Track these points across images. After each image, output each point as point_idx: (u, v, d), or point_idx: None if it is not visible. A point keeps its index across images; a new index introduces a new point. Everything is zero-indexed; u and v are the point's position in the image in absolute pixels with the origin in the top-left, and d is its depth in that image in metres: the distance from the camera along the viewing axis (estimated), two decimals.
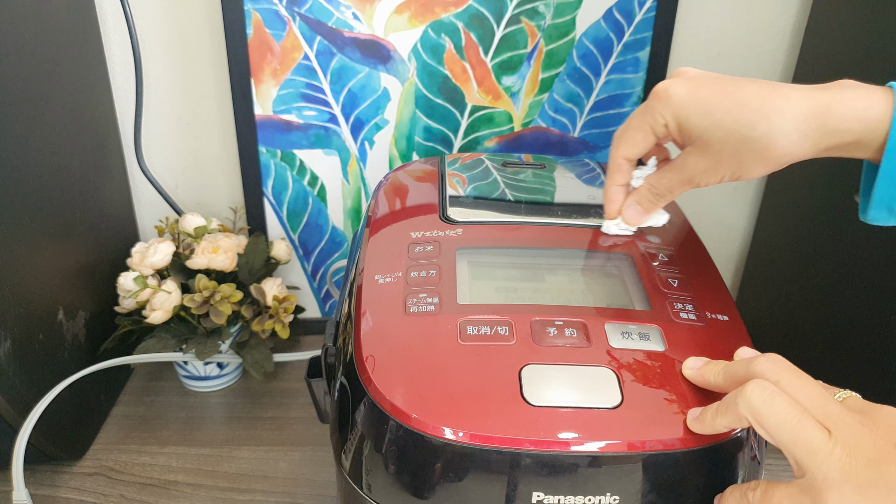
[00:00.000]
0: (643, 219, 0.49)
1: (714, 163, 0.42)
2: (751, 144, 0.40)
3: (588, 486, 0.37)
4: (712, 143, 0.42)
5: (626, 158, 0.47)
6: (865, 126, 0.39)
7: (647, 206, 0.48)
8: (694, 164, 0.43)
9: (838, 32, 0.69)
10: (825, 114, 0.39)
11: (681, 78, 0.43)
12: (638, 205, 0.48)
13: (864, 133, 0.39)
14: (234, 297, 0.71)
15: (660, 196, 0.47)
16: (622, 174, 0.47)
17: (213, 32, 0.75)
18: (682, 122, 0.42)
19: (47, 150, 0.63)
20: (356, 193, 0.82)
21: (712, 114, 0.41)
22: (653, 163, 0.49)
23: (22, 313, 0.59)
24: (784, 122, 0.39)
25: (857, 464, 0.30)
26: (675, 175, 0.45)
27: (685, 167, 0.44)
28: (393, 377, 0.39)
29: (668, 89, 0.43)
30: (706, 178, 0.44)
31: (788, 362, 0.35)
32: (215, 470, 0.68)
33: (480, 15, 0.73)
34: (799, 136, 0.40)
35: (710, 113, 0.41)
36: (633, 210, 0.48)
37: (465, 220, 0.52)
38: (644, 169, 0.48)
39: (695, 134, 0.42)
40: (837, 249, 0.67)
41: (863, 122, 0.39)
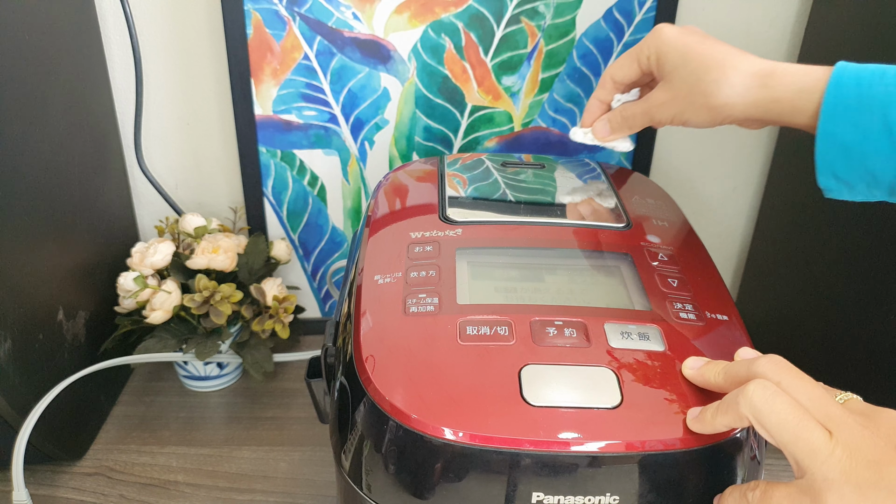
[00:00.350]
0: (609, 137, 0.55)
1: (670, 98, 0.48)
2: (702, 87, 0.46)
3: (588, 487, 0.37)
4: (675, 80, 0.47)
5: (612, 78, 0.53)
6: (800, 89, 0.43)
7: (615, 127, 0.54)
8: (657, 96, 0.49)
9: (838, 32, 0.69)
10: (769, 75, 0.44)
11: (681, 26, 0.49)
12: (608, 122, 0.54)
13: (798, 95, 0.43)
14: (234, 297, 0.71)
15: (625, 120, 0.53)
16: (605, 91, 0.54)
17: (213, 32, 0.75)
18: (661, 56, 0.48)
19: (47, 150, 0.63)
20: (356, 193, 0.82)
21: (686, 54, 0.47)
22: (635, 92, 0.55)
23: (22, 313, 0.59)
24: (734, 74, 0.45)
25: (857, 465, 0.30)
26: (641, 104, 0.51)
27: (649, 98, 0.50)
28: (393, 377, 0.39)
29: (663, 27, 0.49)
30: (661, 112, 0.49)
31: (790, 363, 0.35)
32: (215, 470, 0.68)
33: (480, 15, 0.73)
34: (742, 89, 0.44)
35: (684, 53, 0.47)
36: (603, 126, 0.55)
37: (465, 220, 0.52)
38: (626, 96, 0.55)
39: (666, 69, 0.48)
40: (837, 249, 0.67)
41: (798, 85, 0.43)
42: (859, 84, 0.41)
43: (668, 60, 0.48)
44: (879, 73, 0.41)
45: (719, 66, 0.45)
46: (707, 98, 0.45)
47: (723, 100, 0.45)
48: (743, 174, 0.85)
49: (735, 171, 0.85)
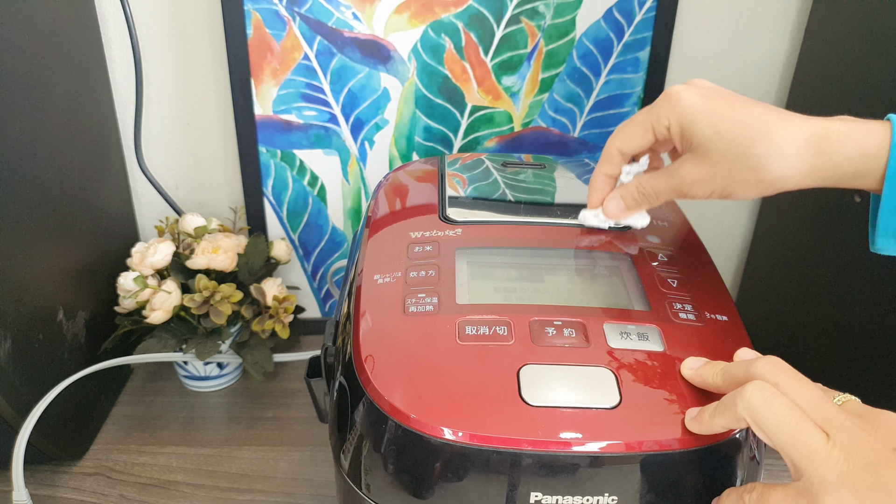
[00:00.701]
0: (623, 215, 0.49)
1: (708, 174, 0.42)
2: (749, 161, 0.40)
3: (586, 487, 0.37)
4: (711, 154, 0.41)
5: (619, 150, 0.46)
6: (863, 154, 0.39)
7: (630, 204, 0.48)
8: (688, 172, 0.43)
9: (838, 32, 0.69)
10: (825, 141, 0.39)
11: (694, 86, 0.43)
12: (622, 200, 0.48)
13: (862, 161, 0.39)
14: (234, 297, 0.71)
15: (645, 197, 0.46)
16: (613, 165, 0.47)
17: (213, 32, 0.75)
18: (685, 128, 0.42)
19: (47, 151, 0.63)
20: (356, 193, 0.82)
21: (718, 125, 0.41)
22: (645, 161, 0.48)
23: (22, 313, 0.59)
24: (785, 144, 0.39)
25: (854, 467, 0.30)
26: (666, 180, 0.45)
27: (678, 174, 0.44)
28: (392, 377, 0.39)
29: (680, 93, 0.43)
30: (697, 189, 0.43)
31: (788, 365, 0.35)
32: (215, 470, 0.68)
33: (480, 15, 0.73)
34: (797, 160, 0.40)
35: (715, 124, 0.41)
36: (616, 204, 0.48)
37: (465, 220, 0.52)
38: (635, 166, 0.48)
39: (696, 142, 0.42)
40: (837, 250, 0.67)
41: (860, 149, 0.39)
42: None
43: (697, 132, 0.41)
44: None
45: (765, 137, 0.40)
46: (756, 173, 0.40)
47: (776, 174, 0.40)
48: None
49: None
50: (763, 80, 0.80)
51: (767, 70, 0.79)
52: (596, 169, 0.48)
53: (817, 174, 0.40)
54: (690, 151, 0.43)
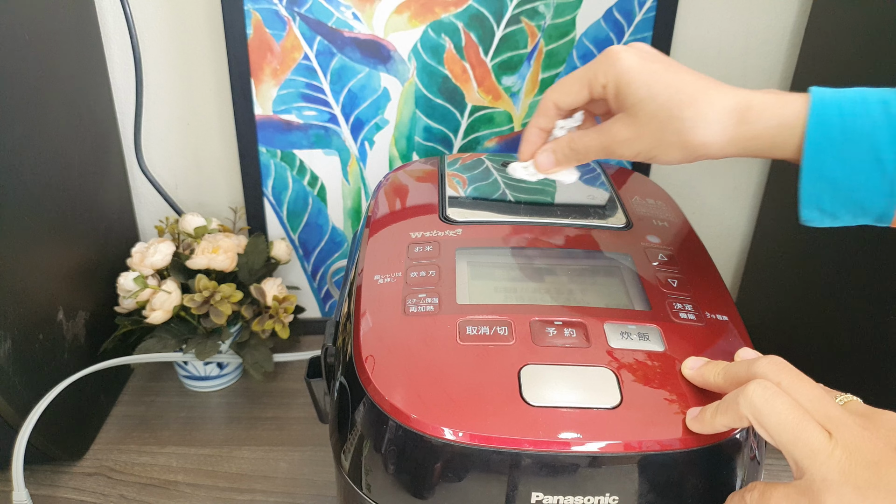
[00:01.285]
0: (554, 169, 0.49)
1: (637, 135, 0.43)
2: (676, 124, 0.41)
3: (587, 487, 0.37)
4: (642, 115, 0.42)
5: (555, 104, 0.47)
6: (780, 123, 0.40)
7: (561, 159, 0.48)
8: (618, 130, 0.44)
9: (838, 32, 0.69)
10: (747, 110, 0.40)
11: (633, 48, 0.44)
12: (553, 154, 0.48)
13: (780, 131, 0.40)
14: (234, 297, 0.71)
15: (576, 153, 0.47)
16: (547, 118, 0.48)
17: (213, 32, 0.75)
18: (621, 87, 0.43)
19: (47, 150, 0.63)
20: (356, 193, 0.82)
21: (652, 87, 0.42)
22: (579, 116, 0.48)
23: (22, 313, 0.59)
24: (710, 110, 0.41)
25: (856, 466, 0.30)
26: (596, 137, 0.45)
27: (608, 132, 0.44)
28: (392, 377, 0.39)
29: (620, 53, 0.43)
30: (624, 148, 0.44)
31: (790, 364, 0.35)
32: (215, 470, 0.68)
33: (480, 15, 0.73)
34: (720, 128, 0.41)
35: (650, 85, 0.42)
36: (546, 157, 0.48)
37: (465, 220, 0.52)
38: (569, 121, 0.48)
39: (629, 102, 0.43)
40: (837, 250, 0.67)
41: (779, 119, 0.40)
42: (842, 116, 0.39)
43: (632, 93, 0.42)
44: (861, 101, 0.39)
45: (693, 102, 0.41)
46: (681, 136, 0.41)
47: (699, 139, 0.41)
48: (743, 174, 0.85)
49: (735, 171, 0.85)
50: (763, 81, 0.80)
51: (767, 70, 0.80)
52: (530, 121, 0.49)
53: (738, 143, 0.41)
54: (623, 111, 0.43)
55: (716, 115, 0.41)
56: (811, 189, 0.40)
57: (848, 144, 0.38)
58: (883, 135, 0.38)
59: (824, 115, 0.39)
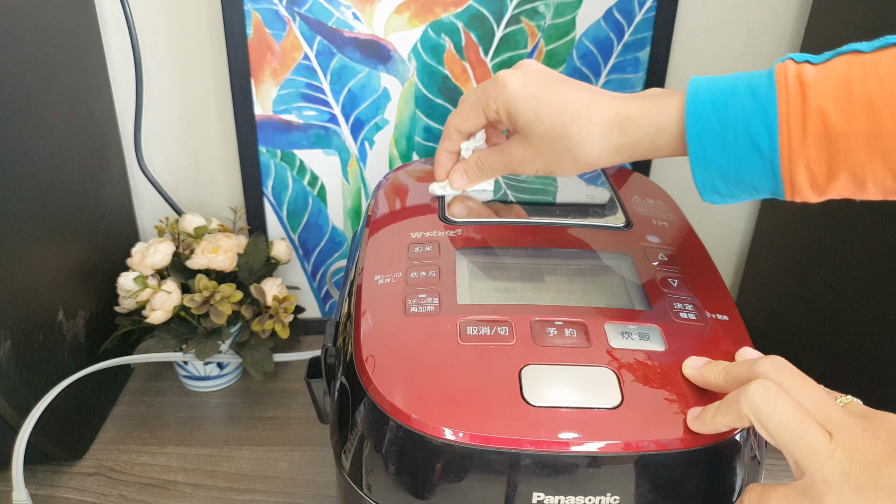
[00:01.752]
0: (467, 186, 0.54)
1: (532, 154, 0.46)
2: (563, 143, 0.44)
3: (588, 487, 0.37)
4: (532, 137, 0.45)
5: (457, 129, 0.51)
6: (657, 129, 0.42)
7: (472, 177, 0.53)
8: (515, 151, 0.47)
9: (839, 32, 0.69)
10: (625, 121, 0.43)
11: (520, 70, 0.47)
12: (465, 173, 0.53)
13: (657, 136, 0.42)
14: (234, 297, 0.71)
15: (483, 171, 0.51)
16: (452, 142, 0.52)
17: (213, 32, 0.75)
18: (510, 111, 0.46)
19: (47, 150, 0.63)
20: (356, 193, 0.82)
21: (537, 110, 0.44)
22: (481, 136, 0.53)
23: (22, 313, 0.59)
24: (593, 127, 0.43)
25: (857, 466, 0.30)
26: (499, 157, 0.49)
27: (508, 152, 0.48)
28: (393, 378, 0.39)
29: (506, 79, 0.46)
30: (524, 167, 0.47)
31: (791, 365, 0.35)
32: (215, 470, 0.68)
33: (480, 15, 0.73)
34: (604, 141, 0.43)
35: (535, 109, 0.45)
36: (460, 177, 0.53)
37: (465, 220, 0.52)
38: (472, 141, 0.52)
39: (519, 124, 0.46)
40: (837, 249, 0.67)
41: (655, 125, 0.42)
42: (716, 108, 0.40)
43: (520, 116, 0.45)
44: (731, 90, 0.40)
45: (575, 121, 0.43)
46: (571, 153, 0.44)
47: (587, 154, 0.44)
48: None
49: None
50: None
51: None
52: (439, 146, 0.53)
53: (622, 151, 0.43)
54: (517, 133, 0.47)
55: (598, 130, 0.43)
56: (702, 177, 0.42)
57: (725, 133, 0.40)
58: (754, 120, 0.39)
59: (699, 110, 0.40)
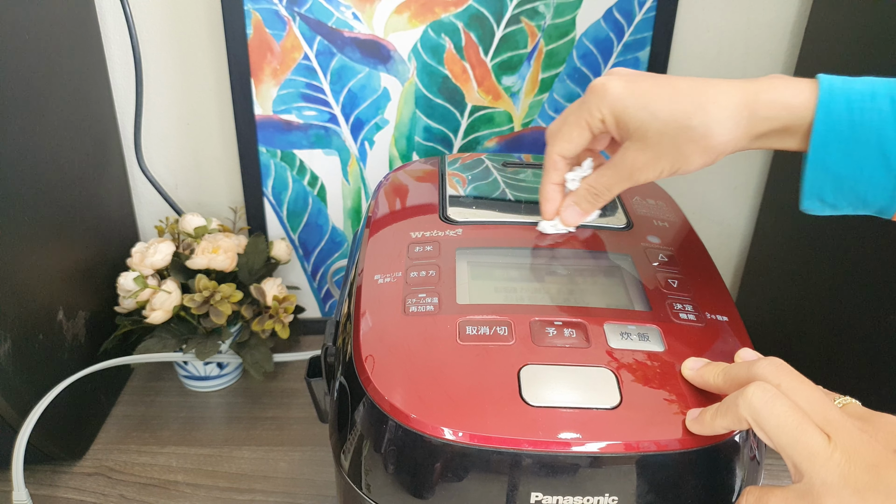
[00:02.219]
0: (581, 220, 0.49)
1: (653, 156, 0.42)
2: (688, 134, 0.41)
3: (587, 487, 0.37)
4: (650, 136, 0.42)
5: (561, 155, 0.46)
6: (791, 114, 0.40)
7: (586, 208, 0.48)
8: (633, 158, 0.43)
9: (838, 32, 0.69)
10: (755, 102, 0.40)
11: (615, 75, 0.44)
12: (576, 206, 0.48)
13: (790, 121, 0.40)
14: (234, 297, 0.71)
15: (598, 196, 0.47)
16: (558, 172, 0.47)
17: (213, 32, 0.75)
18: (619, 116, 0.42)
19: (47, 150, 0.63)
20: (356, 193, 0.82)
21: (649, 105, 0.41)
22: (588, 164, 0.48)
23: (22, 313, 0.59)
24: (719, 110, 0.40)
25: (855, 469, 0.30)
26: (613, 172, 0.45)
27: (624, 163, 0.44)
28: (392, 377, 0.39)
29: (605, 84, 0.43)
30: (646, 172, 0.43)
31: (790, 366, 0.35)
32: (215, 470, 0.68)
33: (480, 15, 0.73)
34: (732, 124, 0.40)
35: (647, 105, 0.41)
36: (572, 211, 0.48)
37: (465, 220, 0.52)
38: (578, 171, 0.48)
39: (632, 126, 0.42)
40: (837, 249, 0.67)
41: (788, 109, 0.40)
42: (850, 110, 0.38)
43: (630, 117, 0.42)
44: (869, 94, 0.38)
45: (699, 108, 0.40)
46: (698, 143, 0.41)
47: (718, 139, 0.41)
48: (743, 174, 0.85)
49: (735, 171, 0.85)
50: None
51: (767, 70, 0.79)
52: (542, 179, 0.48)
53: (752, 134, 0.41)
54: (629, 138, 0.43)
55: (726, 113, 0.40)
56: (814, 180, 0.40)
57: (854, 139, 0.38)
58: (891, 130, 0.37)
59: (831, 108, 0.39)
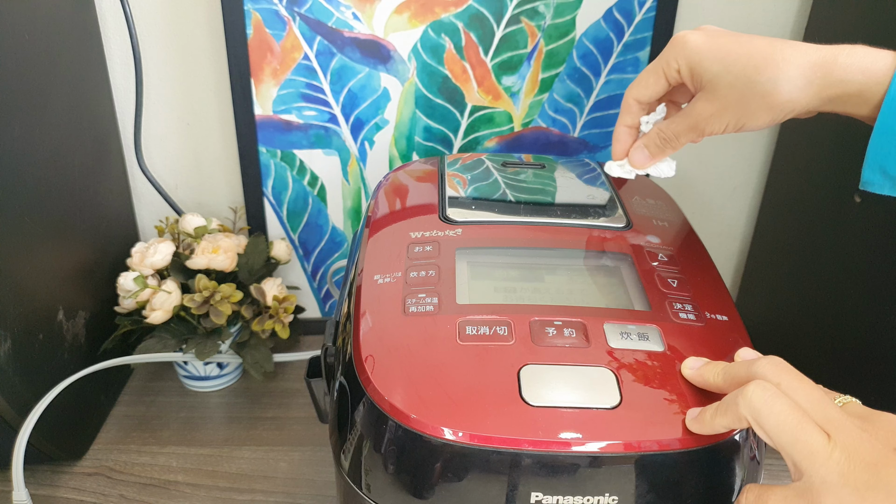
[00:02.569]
0: (649, 163, 0.50)
1: (720, 108, 0.44)
2: (757, 89, 0.42)
3: (587, 487, 0.37)
4: (720, 88, 0.43)
5: (636, 100, 0.48)
6: (868, 78, 0.40)
7: (654, 151, 0.49)
8: (701, 108, 0.45)
9: (838, 32, 0.69)
10: (832, 63, 0.40)
11: (700, 29, 0.45)
12: (645, 148, 0.49)
13: (866, 85, 0.40)
14: (234, 297, 0.71)
15: (667, 141, 0.48)
16: (632, 115, 0.49)
17: (213, 32, 0.75)
18: (694, 67, 0.44)
19: (47, 150, 0.63)
20: (356, 193, 0.82)
21: (724, 59, 0.43)
22: (662, 109, 0.50)
23: (22, 313, 0.59)
24: (791, 67, 0.41)
25: (855, 467, 0.30)
26: (683, 120, 0.46)
27: (693, 112, 0.45)
28: (392, 377, 0.39)
29: (686, 36, 0.45)
30: (712, 124, 0.45)
31: (790, 365, 0.35)
32: (215, 470, 0.68)
33: (480, 15, 0.73)
34: (804, 82, 0.41)
35: (722, 58, 0.43)
36: (641, 153, 0.50)
37: (465, 220, 0.52)
38: (653, 115, 0.49)
39: (705, 78, 0.44)
40: (837, 250, 0.67)
41: (866, 73, 0.40)
42: None
43: (705, 69, 0.43)
44: None
45: (771, 63, 0.41)
46: (765, 98, 0.42)
47: (784, 97, 0.41)
48: (743, 174, 0.85)
49: (735, 171, 0.85)
50: None
51: None
52: (617, 121, 0.50)
53: (823, 95, 0.41)
54: (702, 89, 0.44)
55: (798, 72, 0.41)
56: (879, 150, 0.40)
57: None
58: None
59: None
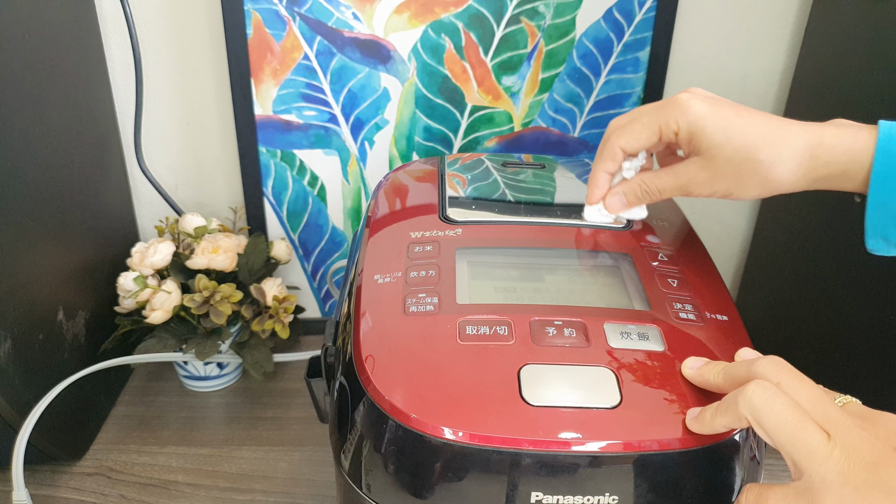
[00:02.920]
0: (624, 210, 0.50)
1: (713, 176, 0.45)
2: (753, 166, 0.43)
3: (587, 486, 0.37)
4: (718, 158, 0.44)
5: (623, 149, 0.48)
6: (851, 158, 0.42)
7: (633, 200, 0.50)
8: (694, 173, 0.46)
9: (838, 32, 0.69)
10: (817, 145, 0.43)
11: (696, 94, 0.46)
12: (623, 196, 0.50)
13: (849, 165, 0.42)
14: (234, 297, 0.71)
15: (648, 194, 0.49)
16: (614, 162, 0.49)
17: (213, 32, 0.75)
18: (695, 133, 0.45)
19: (47, 150, 0.63)
20: (356, 193, 0.82)
21: (726, 131, 0.44)
22: (643, 156, 0.49)
23: (22, 313, 0.59)
24: (786, 150, 0.43)
25: (855, 466, 0.30)
26: (671, 179, 0.47)
27: (684, 174, 0.46)
28: (392, 377, 0.39)
29: (689, 101, 0.45)
30: (701, 188, 0.46)
31: (790, 365, 0.35)
32: (215, 470, 0.68)
33: (480, 15, 0.73)
34: (795, 165, 0.43)
35: (724, 129, 0.44)
36: (618, 199, 0.50)
37: (465, 220, 0.52)
38: (634, 161, 0.49)
39: (704, 146, 0.44)
40: (837, 249, 0.67)
41: (849, 154, 0.42)
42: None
43: (706, 137, 0.44)
44: None
45: (768, 144, 0.43)
46: (760, 175, 0.43)
47: (777, 177, 0.43)
48: None
49: None
50: (762, 81, 0.80)
51: (767, 70, 0.80)
52: (596, 166, 0.50)
53: (811, 176, 0.43)
54: (698, 155, 0.45)
55: (791, 154, 0.43)
56: (877, 220, 0.42)
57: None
58: None
59: (890, 149, 0.40)
